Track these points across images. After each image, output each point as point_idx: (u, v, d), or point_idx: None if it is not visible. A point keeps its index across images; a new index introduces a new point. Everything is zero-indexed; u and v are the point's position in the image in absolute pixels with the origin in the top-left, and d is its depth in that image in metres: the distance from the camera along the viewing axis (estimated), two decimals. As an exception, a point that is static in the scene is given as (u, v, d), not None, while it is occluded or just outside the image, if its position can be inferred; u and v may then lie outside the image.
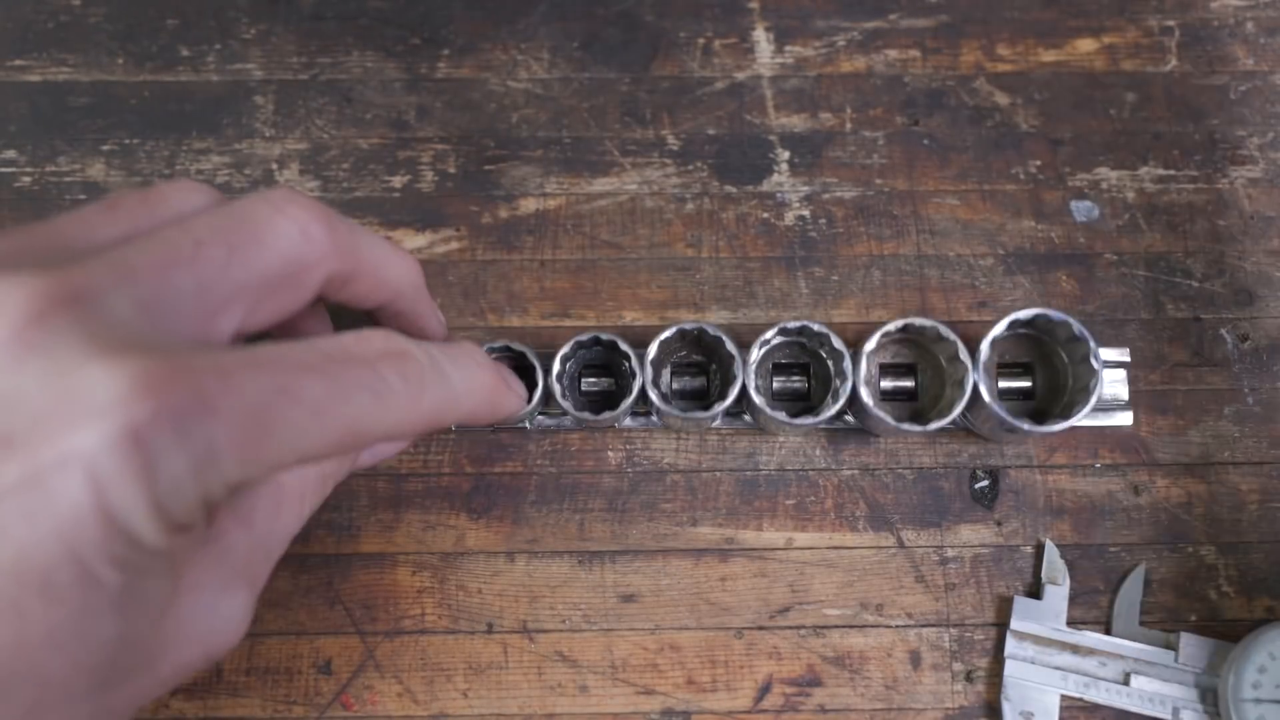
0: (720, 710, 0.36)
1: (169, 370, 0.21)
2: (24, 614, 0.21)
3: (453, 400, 0.27)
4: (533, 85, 0.46)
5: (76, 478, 0.20)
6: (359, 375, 0.24)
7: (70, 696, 0.22)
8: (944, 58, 0.46)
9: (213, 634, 0.26)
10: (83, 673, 0.22)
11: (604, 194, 0.43)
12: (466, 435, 0.39)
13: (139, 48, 0.46)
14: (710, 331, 0.35)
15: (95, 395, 0.20)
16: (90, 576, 0.21)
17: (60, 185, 0.44)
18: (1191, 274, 0.42)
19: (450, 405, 0.27)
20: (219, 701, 0.36)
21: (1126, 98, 0.45)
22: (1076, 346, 0.36)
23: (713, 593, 0.38)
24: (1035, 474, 0.39)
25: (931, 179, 0.44)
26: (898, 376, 0.38)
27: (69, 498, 0.20)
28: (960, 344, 0.35)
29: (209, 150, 0.44)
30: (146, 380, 0.21)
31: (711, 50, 0.46)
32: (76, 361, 0.21)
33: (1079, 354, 0.36)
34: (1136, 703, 0.36)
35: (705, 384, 0.38)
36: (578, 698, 0.36)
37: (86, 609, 0.21)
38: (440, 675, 0.36)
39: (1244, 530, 0.38)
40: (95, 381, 0.21)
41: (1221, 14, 0.47)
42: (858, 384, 0.35)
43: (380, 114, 0.45)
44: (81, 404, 0.20)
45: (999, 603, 0.38)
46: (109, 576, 0.21)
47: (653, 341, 0.35)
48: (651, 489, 0.39)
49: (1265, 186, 0.43)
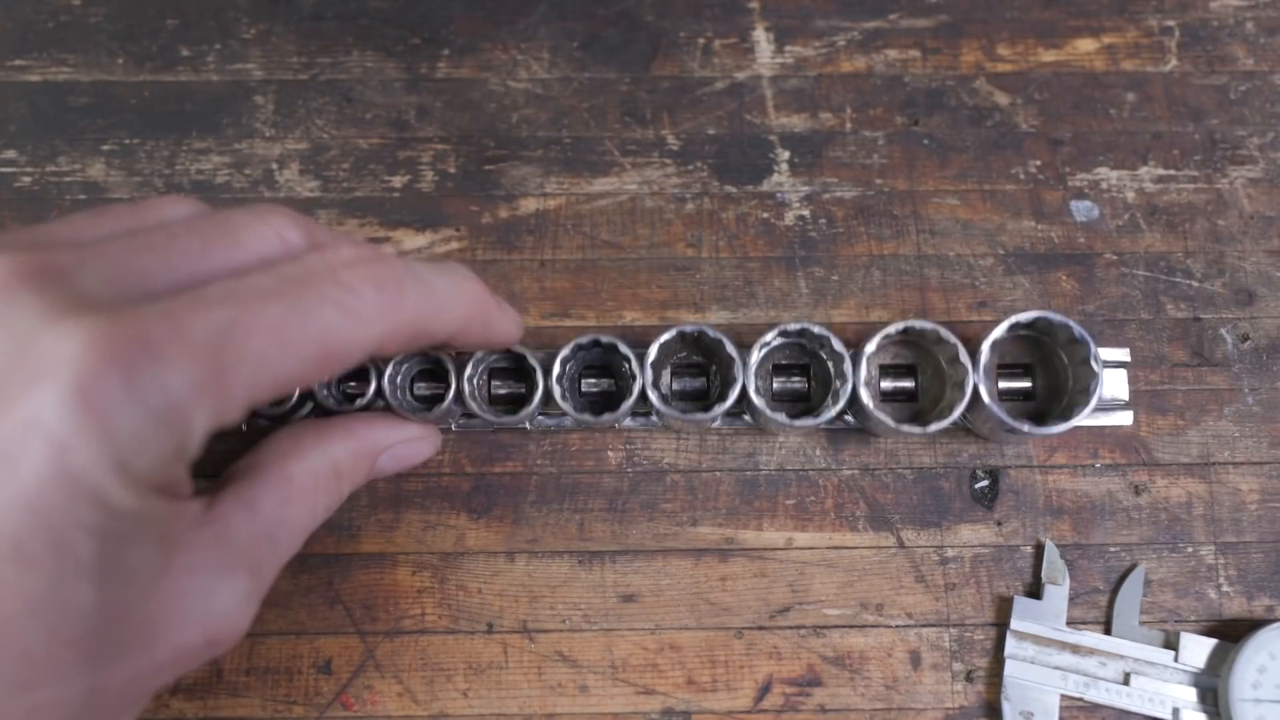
0: (720, 710, 0.36)
1: (114, 323, 0.21)
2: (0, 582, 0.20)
3: (437, 307, 0.26)
4: (533, 85, 0.46)
5: (37, 442, 0.20)
6: (322, 291, 0.24)
7: (58, 671, 0.22)
8: (944, 58, 0.46)
9: (212, 617, 0.25)
10: (67, 645, 0.21)
11: (604, 194, 0.43)
12: (467, 435, 0.39)
13: (139, 48, 0.46)
14: (710, 334, 0.35)
15: (48, 357, 0.20)
16: (62, 543, 0.21)
17: (60, 185, 0.44)
18: (1191, 274, 0.42)
19: (435, 312, 0.26)
20: (219, 701, 0.36)
21: (1126, 98, 0.45)
22: (1077, 348, 0.36)
23: (713, 593, 0.38)
24: (1035, 474, 0.39)
25: (931, 179, 0.44)
26: (898, 378, 0.38)
27: (32, 463, 0.20)
28: (960, 346, 0.35)
29: (209, 150, 0.44)
30: (94, 336, 0.21)
31: (711, 50, 0.46)
32: (36, 328, 0.21)
33: (1079, 356, 0.36)
34: (1136, 703, 0.36)
35: (705, 385, 0.38)
36: (578, 698, 0.36)
37: (62, 576, 0.21)
38: (440, 675, 0.36)
39: (1244, 530, 0.38)
40: (49, 344, 0.21)
41: (1221, 14, 0.47)
42: (858, 385, 0.35)
43: (380, 114, 0.45)
44: (36, 367, 0.20)
45: (999, 603, 0.38)
46: (82, 542, 0.21)
47: (653, 344, 0.35)
48: (651, 489, 0.39)
49: (1265, 186, 0.43)
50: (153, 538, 0.23)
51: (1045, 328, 0.36)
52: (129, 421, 0.21)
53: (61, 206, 0.43)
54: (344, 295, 0.24)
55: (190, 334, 0.22)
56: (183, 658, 0.25)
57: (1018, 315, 0.35)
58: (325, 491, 0.29)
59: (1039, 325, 0.36)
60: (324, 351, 0.24)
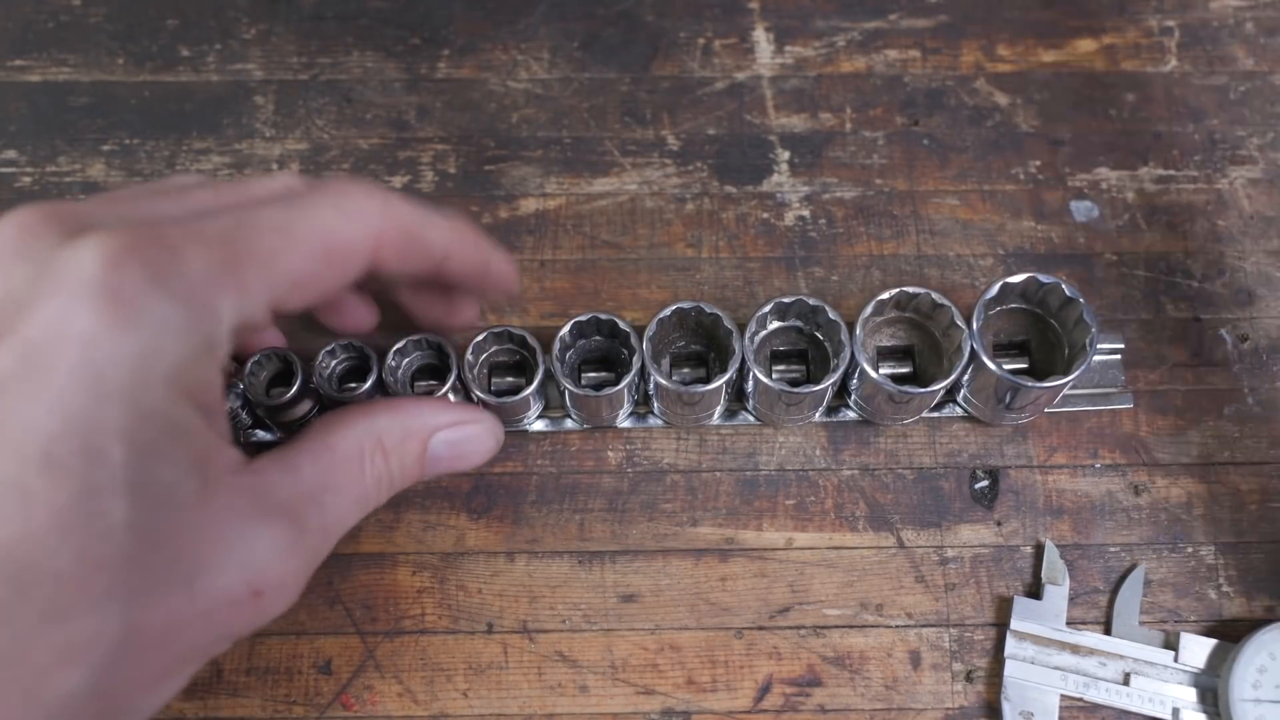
0: (720, 710, 0.36)
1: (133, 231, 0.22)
2: (28, 494, 0.20)
3: (426, 216, 0.29)
4: (533, 85, 0.46)
5: (65, 341, 0.21)
6: (318, 198, 0.26)
7: (91, 599, 0.21)
8: (944, 58, 0.46)
9: (254, 562, 0.24)
10: (98, 568, 0.21)
11: (604, 194, 0.43)
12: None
13: (139, 48, 0.46)
14: (707, 309, 0.35)
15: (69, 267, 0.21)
16: (93, 448, 0.20)
17: (60, 185, 0.44)
18: (1191, 274, 0.42)
19: (426, 219, 0.29)
20: (219, 701, 0.36)
21: (1126, 98, 0.45)
22: (1069, 311, 0.36)
23: (713, 593, 0.38)
24: (1035, 474, 0.39)
25: (931, 179, 0.44)
26: (896, 362, 0.38)
27: (62, 364, 0.20)
28: (954, 309, 0.36)
29: (209, 150, 0.44)
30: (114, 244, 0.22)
31: (711, 50, 0.46)
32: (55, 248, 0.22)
33: (1073, 317, 0.36)
34: (1136, 703, 0.36)
35: (706, 374, 0.38)
36: (578, 698, 0.36)
37: (92, 487, 0.20)
38: (440, 675, 0.36)
39: (1244, 530, 0.38)
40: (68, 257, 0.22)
41: (1221, 14, 0.47)
42: (856, 351, 0.35)
43: (380, 114, 0.45)
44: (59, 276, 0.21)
45: (999, 603, 0.38)
46: (113, 449, 0.21)
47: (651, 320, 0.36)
48: (651, 489, 0.39)
49: (1265, 186, 0.43)
50: (186, 458, 0.22)
51: (1036, 294, 0.37)
52: (154, 307, 0.21)
53: (61, 206, 0.43)
54: (339, 198, 0.26)
55: (202, 233, 0.23)
56: (226, 606, 0.24)
57: (1008, 277, 0.36)
58: (372, 464, 0.29)
59: (1030, 292, 0.37)
60: (327, 246, 0.26)
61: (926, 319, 0.38)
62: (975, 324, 0.35)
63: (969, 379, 0.37)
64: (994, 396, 0.36)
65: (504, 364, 0.38)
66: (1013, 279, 0.36)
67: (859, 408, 0.38)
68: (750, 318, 0.37)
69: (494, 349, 0.37)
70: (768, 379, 0.35)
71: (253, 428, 0.38)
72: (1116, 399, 0.39)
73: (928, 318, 0.37)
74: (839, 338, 0.36)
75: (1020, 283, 0.36)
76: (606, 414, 0.38)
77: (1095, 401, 0.39)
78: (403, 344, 0.36)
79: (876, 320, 0.38)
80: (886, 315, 0.38)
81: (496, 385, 0.38)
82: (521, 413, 0.37)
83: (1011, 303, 0.38)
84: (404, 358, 0.36)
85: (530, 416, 0.38)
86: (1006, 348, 0.39)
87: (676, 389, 0.35)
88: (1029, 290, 0.37)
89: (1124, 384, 0.39)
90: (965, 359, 0.35)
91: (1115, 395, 0.39)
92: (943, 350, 0.37)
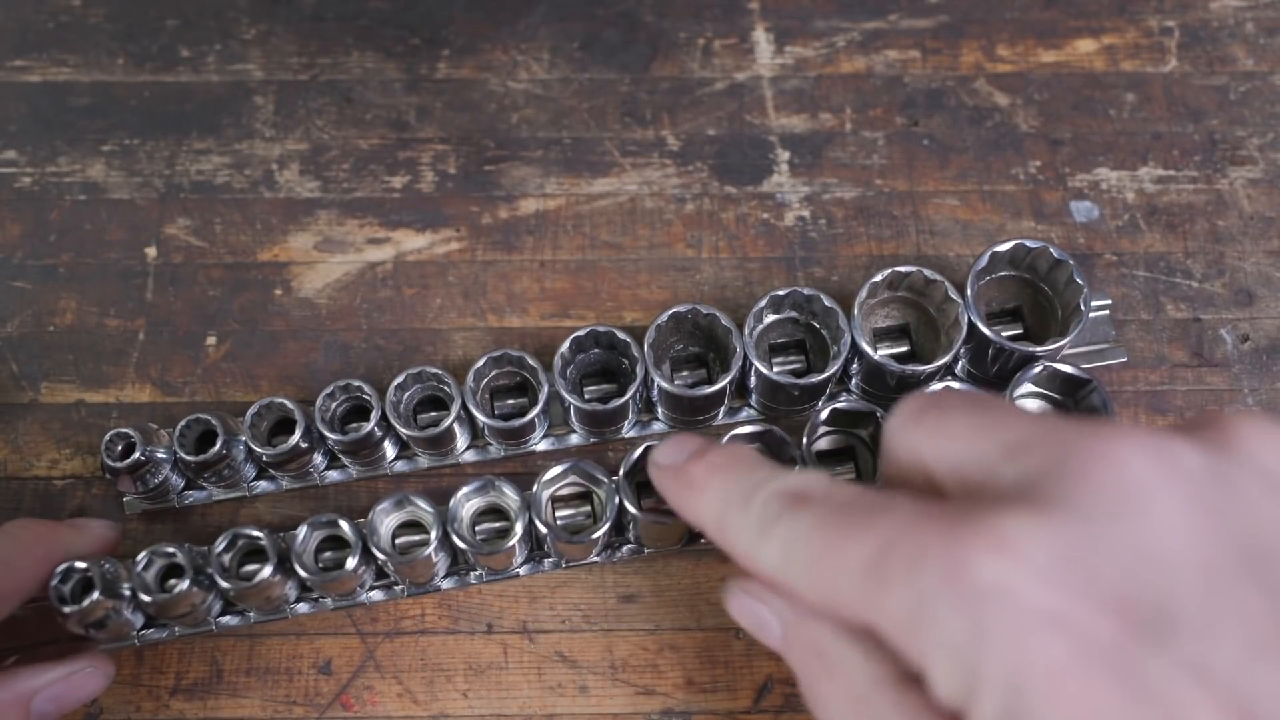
0: (720, 710, 0.36)
1: None
2: None
3: (72, 546, 0.34)
4: (533, 86, 0.46)
5: None
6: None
7: None
8: (944, 58, 0.46)
9: None
10: None
11: (604, 194, 0.43)
12: (466, 435, 0.39)
13: (139, 48, 0.46)
14: (704, 310, 0.36)
15: None
16: None
17: (60, 185, 0.44)
18: (1191, 274, 0.42)
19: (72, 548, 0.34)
20: (219, 701, 0.36)
21: (1126, 98, 0.45)
22: (1059, 273, 0.37)
23: (713, 593, 0.37)
24: (1035, 474, 0.39)
25: (931, 179, 0.44)
26: (893, 341, 0.38)
27: None
28: (948, 284, 0.36)
29: (209, 150, 0.44)
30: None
31: (711, 50, 0.46)
32: None
33: (1064, 279, 0.37)
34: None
35: (707, 374, 0.38)
36: (578, 698, 0.36)
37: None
38: (440, 675, 0.36)
39: (1244, 530, 0.38)
40: None
41: (1221, 14, 0.47)
42: (855, 334, 0.35)
43: (380, 114, 0.45)
44: None
45: (999, 603, 0.37)
46: None
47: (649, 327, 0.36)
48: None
49: (1265, 187, 0.43)
50: None
51: (1025, 260, 0.37)
52: None
53: (61, 207, 0.43)
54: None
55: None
56: None
57: (995, 245, 0.36)
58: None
59: (1018, 259, 0.37)
60: None
61: (920, 296, 0.38)
62: (969, 294, 0.36)
63: (970, 356, 0.37)
64: (991, 365, 0.37)
65: (505, 387, 0.38)
66: (1000, 246, 0.37)
67: (861, 392, 0.38)
68: (747, 315, 0.37)
69: (494, 373, 0.37)
70: (771, 373, 0.35)
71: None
72: (1110, 354, 0.39)
73: (921, 295, 0.38)
74: (836, 324, 0.36)
75: (1009, 250, 0.37)
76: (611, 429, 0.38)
77: (1090, 359, 0.39)
78: (402, 379, 0.36)
79: (871, 303, 0.38)
80: (880, 296, 0.38)
81: (500, 409, 0.38)
82: (527, 435, 0.37)
83: (1001, 270, 0.38)
84: (404, 392, 0.36)
85: (535, 437, 0.38)
86: (999, 315, 0.39)
87: (681, 393, 0.35)
88: (1017, 256, 0.37)
89: (1114, 338, 0.40)
90: (964, 331, 0.36)
91: (1109, 350, 0.39)
92: (939, 326, 0.38)
